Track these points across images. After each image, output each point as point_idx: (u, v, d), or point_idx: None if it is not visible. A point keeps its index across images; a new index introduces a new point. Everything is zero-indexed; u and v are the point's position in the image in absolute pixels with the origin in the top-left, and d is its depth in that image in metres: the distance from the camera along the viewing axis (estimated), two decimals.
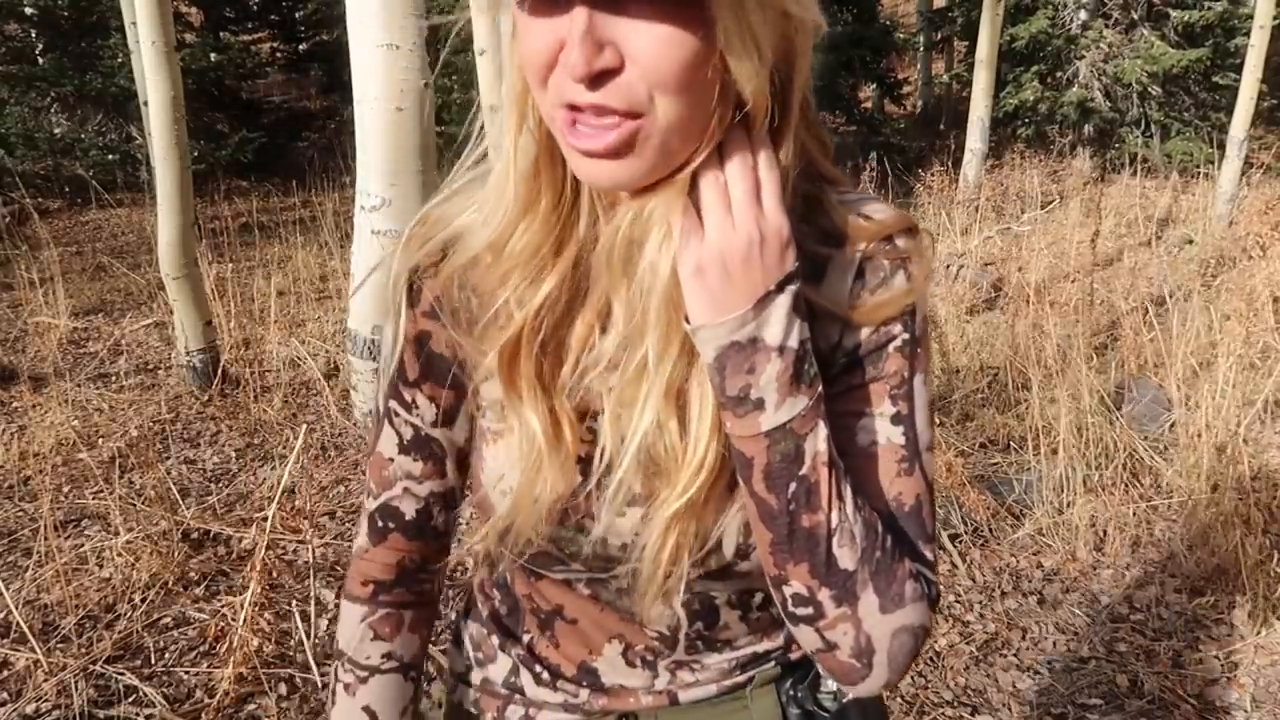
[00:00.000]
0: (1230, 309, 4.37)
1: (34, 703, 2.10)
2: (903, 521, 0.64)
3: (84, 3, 9.18)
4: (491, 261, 0.64)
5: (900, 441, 0.63)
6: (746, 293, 0.56)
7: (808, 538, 0.59)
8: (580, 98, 0.53)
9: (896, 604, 0.61)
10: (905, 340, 0.63)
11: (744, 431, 0.58)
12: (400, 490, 0.75)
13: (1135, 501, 3.05)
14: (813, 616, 0.61)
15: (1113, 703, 2.26)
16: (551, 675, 0.77)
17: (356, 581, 0.79)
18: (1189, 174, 9.18)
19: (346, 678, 0.79)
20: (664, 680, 0.74)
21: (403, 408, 0.73)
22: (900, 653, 0.62)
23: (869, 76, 11.24)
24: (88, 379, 4.23)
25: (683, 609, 0.71)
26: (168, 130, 3.76)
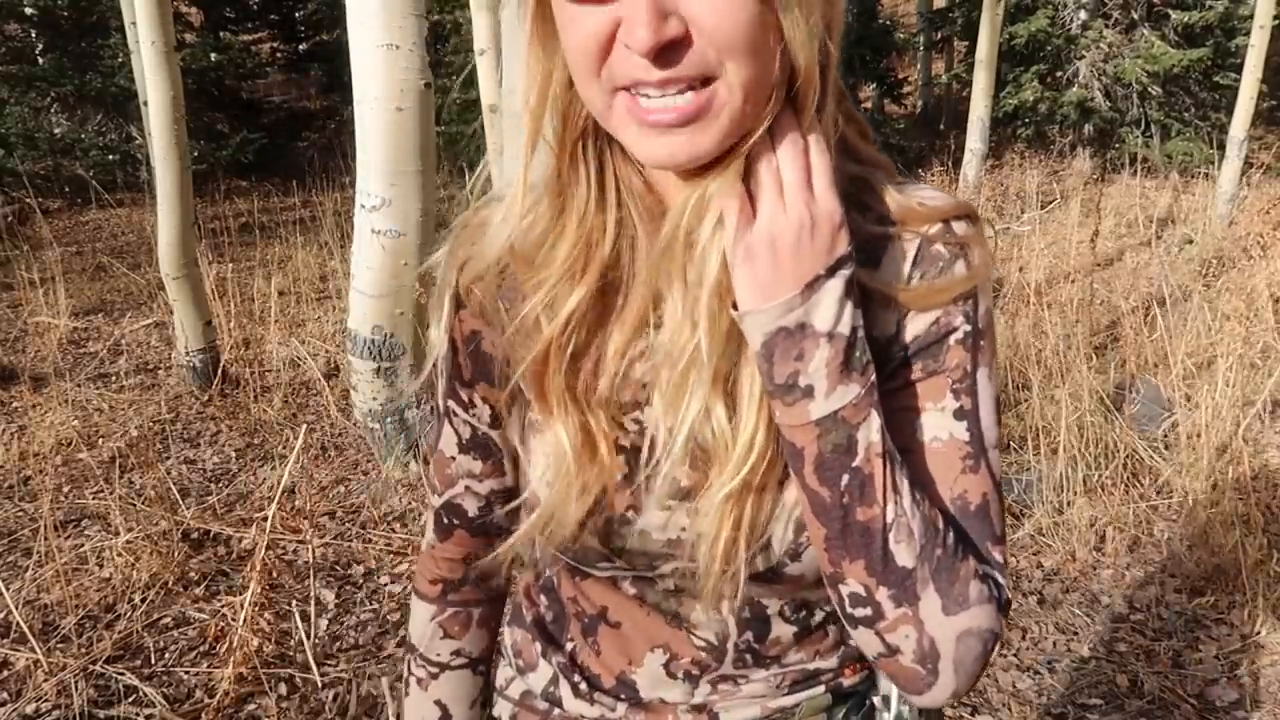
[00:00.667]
0: (1230, 309, 4.37)
1: (34, 703, 2.10)
2: (968, 521, 0.61)
3: (84, 3, 9.18)
4: (523, 269, 0.64)
5: (964, 438, 0.61)
6: (796, 277, 0.55)
7: (863, 533, 0.57)
8: (650, 76, 0.51)
9: (961, 605, 0.58)
10: (967, 332, 0.61)
11: (793, 421, 0.56)
12: (462, 488, 0.76)
13: (1135, 501, 3.05)
14: (871, 618, 0.59)
15: (1113, 703, 2.26)
16: (590, 686, 0.76)
17: (425, 580, 0.81)
18: (1189, 174, 9.18)
19: (419, 673, 0.81)
20: (704, 693, 0.72)
21: (460, 407, 0.73)
22: (968, 658, 0.58)
23: (869, 76, 11.24)
24: (88, 379, 4.23)
25: (732, 615, 0.69)
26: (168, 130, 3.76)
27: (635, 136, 0.55)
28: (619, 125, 0.55)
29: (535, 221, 0.63)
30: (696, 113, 0.52)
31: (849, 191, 0.60)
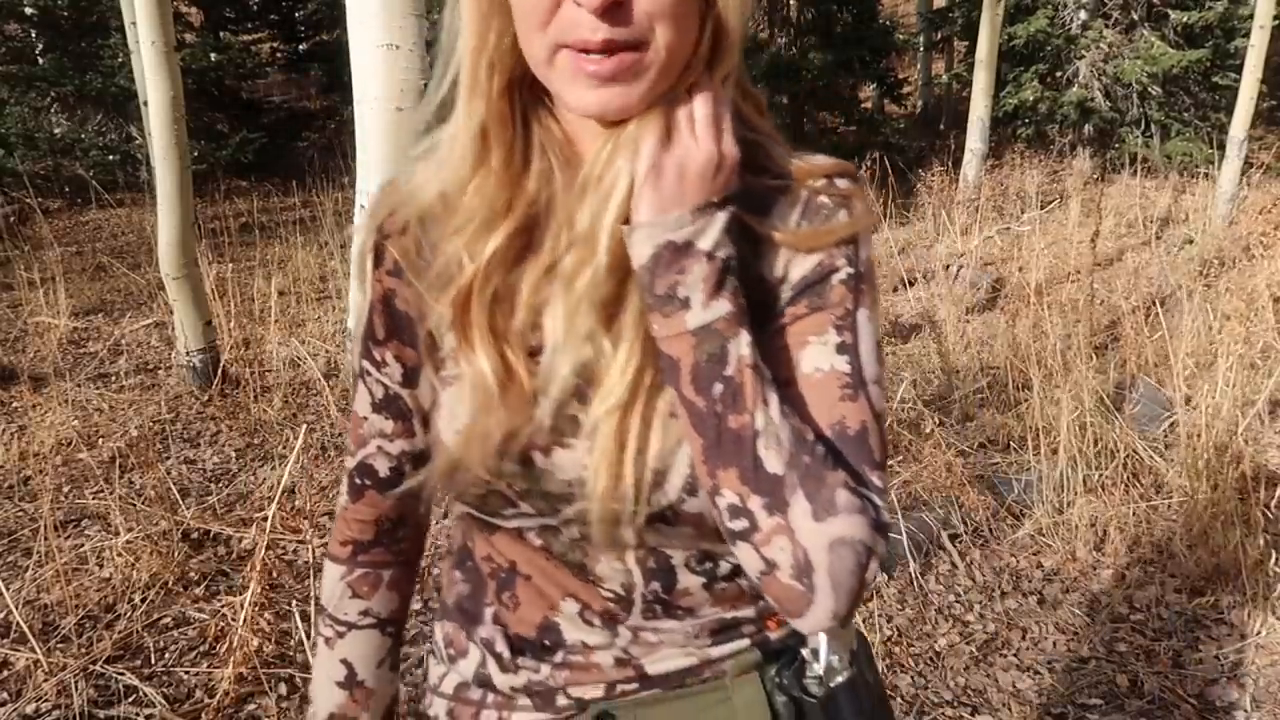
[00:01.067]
0: (1230, 309, 4.37)
1: (34, 703, 2.10)
2: (846, 445, 0.63)
3: (84, 3, 9.18)
4: (446, 216, 0.68)
5: (845, 369, 0.64)
6: (693, 200, 0.61)
7: (735, 440, 0.60)
8: (593, 34, 0.58)
9: (829, 511, 0.60)
10: (849, 274, 0.66)
11: (670, 331, 0.61)
12: (374, 448, 0.78)
13: (1135, 501, 3.05)
14: (748, 530, 0.61)
15: (1113, 703, 2.26)
16: (513, 652, 0.76)
17: (337, 541, 0.82)
18: (1189, 174, 9.18)
19: (326, 632, 0.83)
20: (625, 639, 0.73)
21: (374, 366, 0.76)
22: (841, 571, 0.59)
23: (869, 76, 11.24)
24: (88, 379, 4.23)
25: (637, 565, 0.71)
26: (168, 130, 3.76)
27: (572, 88, 0.61)
28: (558, 78, 0.61)
29: (459, 167, 0.67)
30: (629, 68, 0.59)
31: (745, 153, 0.65)
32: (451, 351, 0.70)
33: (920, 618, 2.58)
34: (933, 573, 2.78)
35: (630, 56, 0.59)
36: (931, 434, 3.40)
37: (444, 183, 0.68)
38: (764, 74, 10.43)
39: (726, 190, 0.62)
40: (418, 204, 0.70)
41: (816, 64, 10.07)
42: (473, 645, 0.79)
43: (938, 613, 2.61)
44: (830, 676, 0.72)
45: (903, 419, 3.55)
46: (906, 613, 2.60)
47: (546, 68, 0.61)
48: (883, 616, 2.55)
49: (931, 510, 2.97)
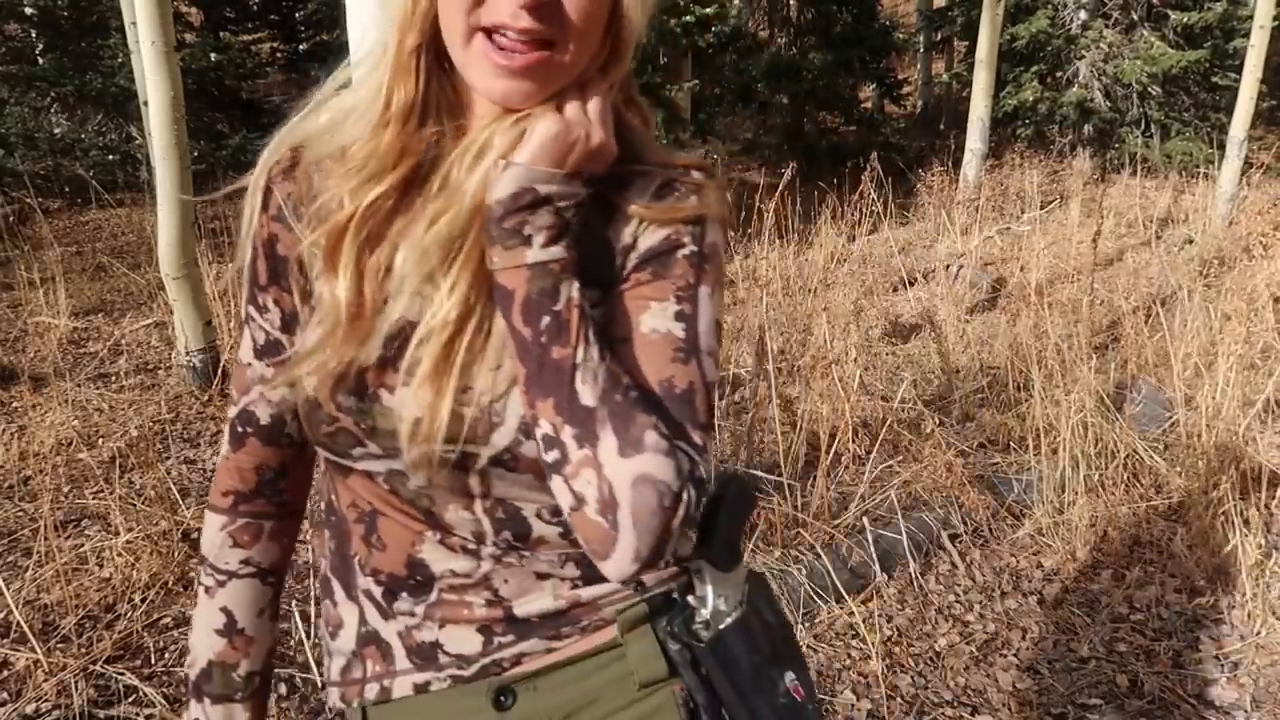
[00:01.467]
0: (1231, 309, 4.37)
1: (34, 703, 2.10)
2: (671, 401, 0.67)
3: (84, 3, 9.17)
4: (335, 165, 0.72)
5: (680, 335, 0.68)
6: (570, 164, 0.66)
7: (555, 370, 0.63)
8: (514, 22, 0.63)
9: (635, 448, 0.62)
10: (694, 251, 0.71)
11: (509, 263, 0.65)
12: (256, 394, 0.79)
13: (1135, 501, 3.05)
14: (560, 461, 0.63)
15: (1113, 703, 2.26)
16: (388, 593, 0.76)
17: (218, 491, 0.83)
18: (1189, 174, 9.18)
19: (207, 581, 0.84)
20: (487, 566, 0.73)
21: (257, 311, 0.78)
22: (644, 509, 0.61)
23: (869, 76, 11.24)
24: (88, 379, 4.23)
25: (485, 515, 0.72)
26: (168, 130, 3.76)
27: (481, 73, 0.66)
28: (470, 60, 0.66)
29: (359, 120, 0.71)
30: (539, 66, 0.65)
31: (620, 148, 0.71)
32: (316, 281, 0.73)
33: (920, 618, 2.58)
34: (933, 573, 2.78)
35: (542, 55, 0.65)
36: (931, 434, 3.40)
37: (345, 133, 0.72)
38: (764, 74, 10.43)
39: (595, 173, 0.69)
40: (315, 150, 0.73)
41: (816, 64, 10.07)
42: (351, 606, 0.80)
43: (938, 613, 2.61)
44: (717, 620, 0.73)
45: (903, 419, 3.55)
46: (906, 613, 2.59)
47: (462, 48, 0.66)
48: (883, 616, 2.55)
49: (931, 510, 2.97)
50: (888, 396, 3.82)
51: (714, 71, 10.49)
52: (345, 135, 0.72)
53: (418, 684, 0.76)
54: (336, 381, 0.70)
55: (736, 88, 10.68)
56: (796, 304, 5.00)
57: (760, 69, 10.52)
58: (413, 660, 0.76)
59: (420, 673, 0.76)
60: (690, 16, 6.92)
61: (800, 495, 2.94)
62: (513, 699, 0.74)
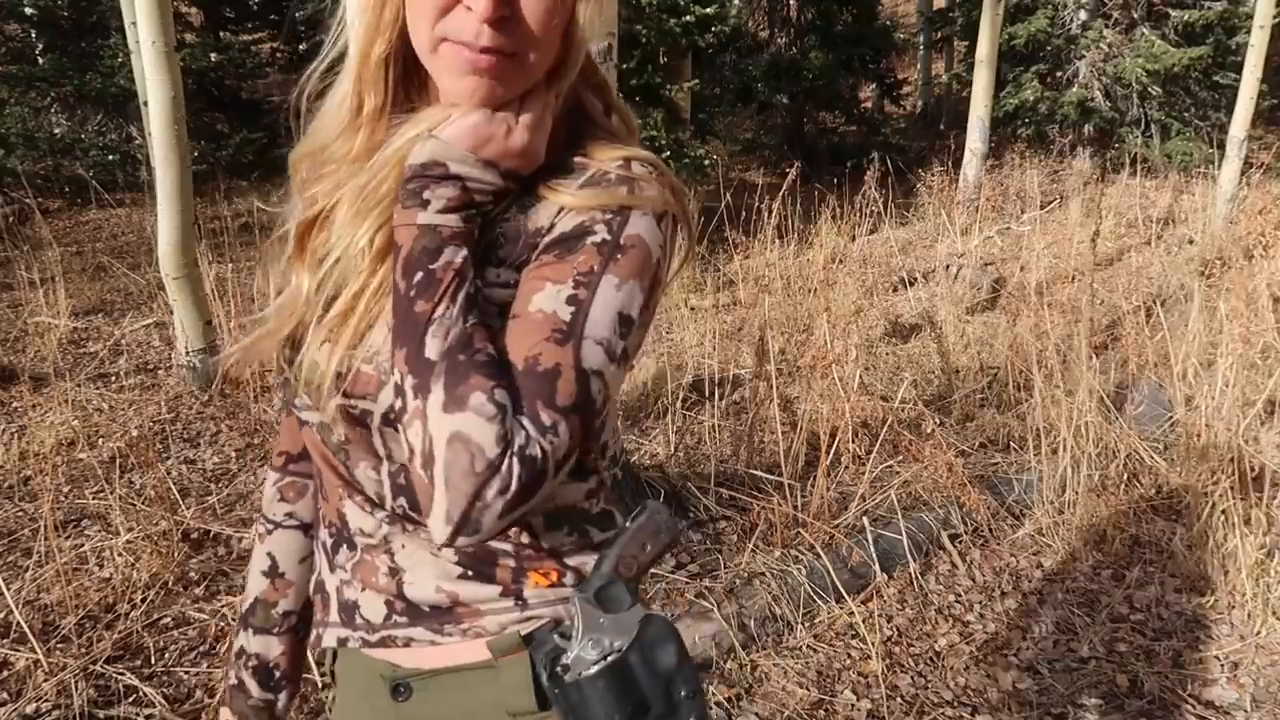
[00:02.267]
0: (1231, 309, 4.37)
1: (34, 703, 2.10)
2: (528, 377, 0.65)
3: (84, 3, 9.17)
4: (315, 165, 0.80)
5: (564, 317, 0.67)
6: (489, 154, 0.70)
7: (413, 323, 0.65)
8: (475, 39, 0.67)
9: (458, 406, 0.61)
10: (605, 240, 0.69)
11: (403, 220, 0.69)
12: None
13: (1135, 501, 3.05)
14: (401, 410, 0.65)
15: (1113, 703, 2.26)
16: (334, 544, 0.82)
17: (275, 451, 0.96)
18: (1189, 174, 9.18)
19: (260, 529, 0.96)
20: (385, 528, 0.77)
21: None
22: (455, 469, 0.61)
23: (869, 76, 11.24)
24: (88, 379, 4.23)
25: (389, 479, 0.75)
26: (168, 130, 3.76)
27: (449, 75, 0.70)
28: (439, 65, 0.70)
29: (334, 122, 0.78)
30: (503, 69, 0.69)
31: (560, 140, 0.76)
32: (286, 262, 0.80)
33: (920, 618, 2.58)
34: (933, 573, 2.78)
35: (505, 61, 0.69)
36: (931, 434, 3.40)
37: (322, 134, 0.78)
38: (764, 74, 10.43)
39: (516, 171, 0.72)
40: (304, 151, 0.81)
41: (816, 64, 10.06)
42: (318, 554, 0.86)
43: (938, 613, 2.61)
44: (579, 666, 0.70)
45: (903, 419, 3.55)
46: (906, 613, 2.59)
47: (430, 55, 0.70)
48: (883, 616, 2.55)
49: (931, 510, 2.97)
50: (888, 396, 3.82)
51: (714, 71, 10.49)
52: (322, 136, 0.79)
53: (340, 638, 0.82)
54: (286, 338, 0.79)
55: (736, 88, 10.67)
56: (797, 304, 5.00)
57: (760, 69, 10.51)
58: (340, 616, 0.82)
59: (343, 628, 0.82)
60: (690, 16, 6.91)
61: (800, 495, 2.94)
62: (409, 694, 0.78)
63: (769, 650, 2.39)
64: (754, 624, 2.43)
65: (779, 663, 2.35)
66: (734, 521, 2.96)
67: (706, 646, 2.33)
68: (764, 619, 2.45)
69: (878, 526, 2.83)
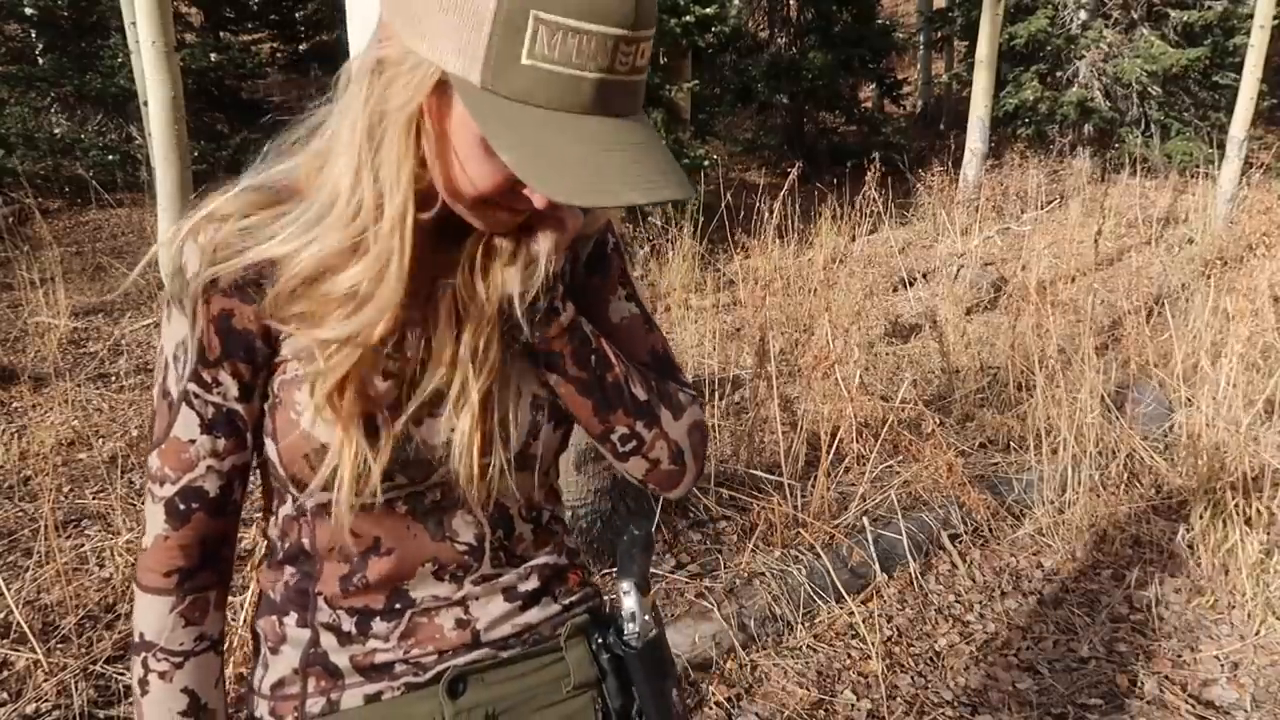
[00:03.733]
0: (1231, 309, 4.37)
1: (34, 703, 2.10)
2: (661, 363, 0.88)
3: (84, 3, 9.17)
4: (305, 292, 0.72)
5: (639, 312, 0.88)
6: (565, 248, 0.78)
7: (615, 389, 0.81)
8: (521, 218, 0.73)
9: (681, 410, 0.85)
10: (614, 243, 0.87)
11: (554, 333, 0.78)
12: (204, 469, 0.78)
13: (1135, 501, 3.05)
14: (638, 447, 0.83)
15: (1113, 703, 2.26)
16: (360, 623, 0.80)
17: (157, 574, 0.80)
18: (1189, 174, 9.18)
19: (160, 666, 0.81)
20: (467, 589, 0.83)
21: (203, 389, 0.76)
22: (698, 445, 0.86)
23: (869, 76, 11.24)
24: (88, 379, 4.23)
25: (485, 518, 0.82)
26: (168, 130, 3.76)
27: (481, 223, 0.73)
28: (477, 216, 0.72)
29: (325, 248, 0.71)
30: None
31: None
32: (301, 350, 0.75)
33: (920, 618, 2.58)
34: (933, 573, 2.78)
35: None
36: (932, 434, 3.40)
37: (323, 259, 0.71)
38: (764, 74, 10.43)
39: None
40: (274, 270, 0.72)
41: (816, 64, 10.06)
42: (300, 630, 0.82)
43: (938, 613, 2.61)
44: (645, 630, 0.88)
45: (903, 419, 3.55)
46: (906, 613, 2.59)
47: (468, 209, 0.71)
48: (883, 616, 2.55)
49: (931, 510, 2.97)
50: (888, 396, 3.82)
51: (714, 71, 10.49)
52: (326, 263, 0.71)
53: (369, 694, 0.81)
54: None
55: (736, 88, 10.67)
56: (797, 304, 5.00)
57: (760, 69, 10.51)
58: (364, 675, 0.80)
59: (372, 684, 0.81)
60: (690, 16, 6.91)
61: (800, 495, 2.94)
62: (464, 687, 0.83)
63: (769, 650, 2.39)
64: (754, 624, 2.43)
65: (779, 663, 2.35)
66: (734, 521, 2.96)
67: (706, 646, 2.33)
68: (764, 619, 2.45)
69: (878, 526, 2.83)
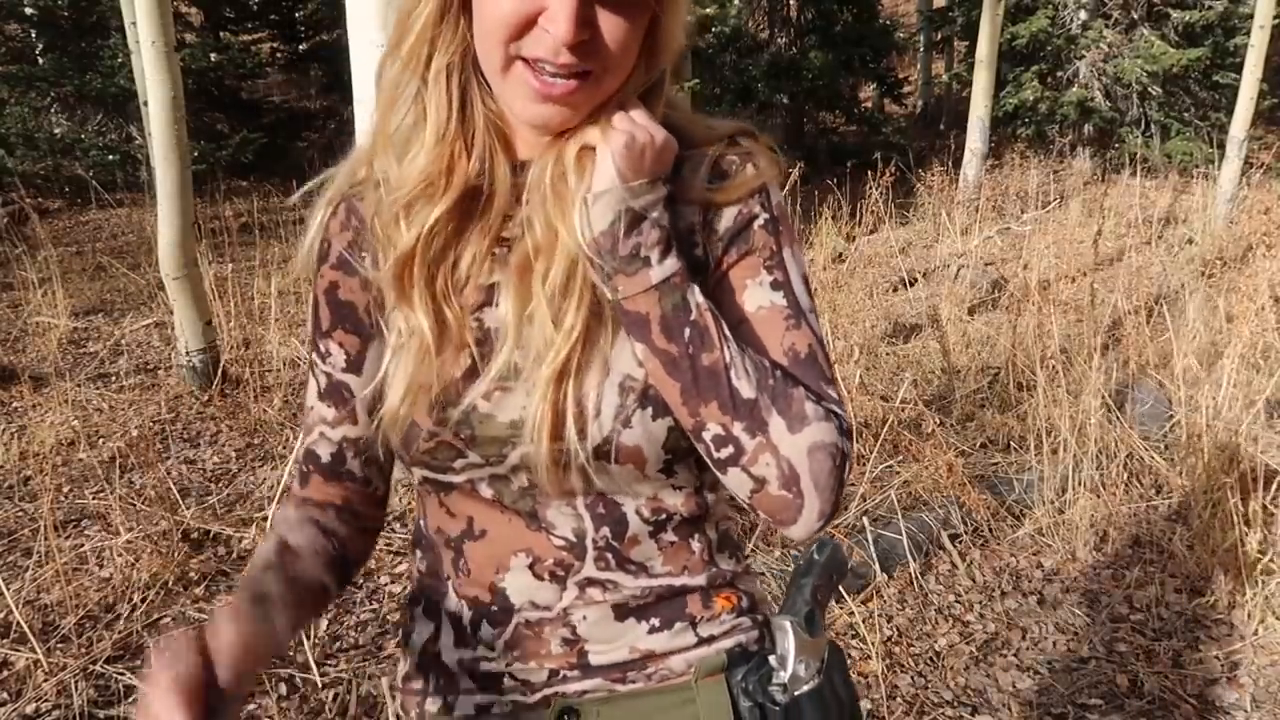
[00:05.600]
0: (1231, 309, 4.37)
1: (34, 703, 2.10)
2: (801, 368, 0.70)
3: (84, 3, 9.17)
4: (385, 191, 0.71)
5: (783, 304, 0.71)
6: (650, 173, 0.68)
7: (710, 375, 0.67)
8: (554, 57, 0.63)
9: (802, 422, 0.67)
10: (766, 219, 0.73)
11: (636, 288, 0.67)
12: (318, 434, 0.80)
13: (1135, 501, 3.05)
14: (735, 455, 0.67)
15: (1113, 703, 2.26)
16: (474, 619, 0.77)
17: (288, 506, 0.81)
18: (1189, 174, 9.18)
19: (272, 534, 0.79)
20: (571, 595, 0.74)
21: (319, 357, 0.79)
22: (822, 473, 0.67)
23: (869, 76, 11.25)
24: (88, 379, 4.23)
25: (586, 510, 0.73)
26: (168, 130, 3.76)
27: (519, 98, 0.67)
28: (509, 86, 0.67)
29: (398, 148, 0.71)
30: (577, 93, 0.65)
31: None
32: (393, 312, 0.73)
33: (920, 618, 2.58)
34: (933, 573, 2.78)
35: (579, 84, 0.65)
36: (932, 434, 3.40)
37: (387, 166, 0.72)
38: (764, 74, 10.43)
39: (668, 169, 0.70)
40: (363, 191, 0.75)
41: (816, 64, 10.06)
42: (427, 623, 0.81)
43: (938, 613, 2.61)
44: (795, 685, 0.72)
45: (903, 419, 3.55)
46: (906, 613, 2.59)
47: (500, 75, 0.66)
48: (883, 616, 2.55)
49: (931, 510, 2.97)
50: (888, 396, 3.82)
51: (714, 71, 10.49)
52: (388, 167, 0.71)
53: (480, 704, 0.78)
54: (436, 400, 0.71)
55: (736, 88, 10.67)
56: None
57: (760, 69, 10.51)
58: (476, 682, 0.78)
59: (483, 694, 0.78)
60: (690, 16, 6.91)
61: None
62: (576, 719, 0.75)
63: None
64: None
65: None
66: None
67: None
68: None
69: (878, 526, 2.83)
